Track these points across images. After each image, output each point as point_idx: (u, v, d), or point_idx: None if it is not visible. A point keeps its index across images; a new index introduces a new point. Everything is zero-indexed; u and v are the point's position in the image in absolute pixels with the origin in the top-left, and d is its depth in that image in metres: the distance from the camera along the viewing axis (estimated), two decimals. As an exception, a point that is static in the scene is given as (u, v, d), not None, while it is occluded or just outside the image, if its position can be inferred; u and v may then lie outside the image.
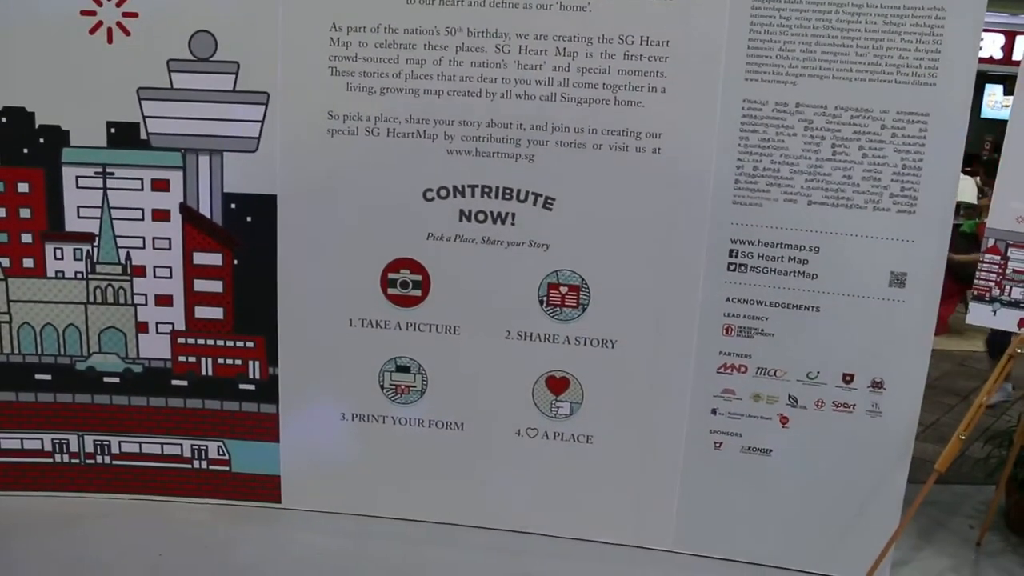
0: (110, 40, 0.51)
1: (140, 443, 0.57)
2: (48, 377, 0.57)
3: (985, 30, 0.60)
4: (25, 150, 0.52)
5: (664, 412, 0.58)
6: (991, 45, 3.38)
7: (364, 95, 0.52)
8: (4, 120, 0.50)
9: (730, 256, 0.55)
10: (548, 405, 0.57)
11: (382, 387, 0.58)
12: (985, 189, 1.96)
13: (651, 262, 0.58)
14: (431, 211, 0.54)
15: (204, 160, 0.53)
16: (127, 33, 0.51)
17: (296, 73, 0.52)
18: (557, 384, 0.57)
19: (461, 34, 0.51)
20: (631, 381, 0.58)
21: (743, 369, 0.57)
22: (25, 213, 0.53)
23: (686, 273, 0.55)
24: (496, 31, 0.52)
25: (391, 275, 0.55)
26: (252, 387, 0.57)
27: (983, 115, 3.67)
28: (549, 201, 0.59)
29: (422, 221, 0.55)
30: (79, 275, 0.54)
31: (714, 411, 0.57)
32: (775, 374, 0.56)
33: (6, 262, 0.53)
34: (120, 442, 0.57)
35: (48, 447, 0.57)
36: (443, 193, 0.59)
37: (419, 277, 0.55)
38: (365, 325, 0.56)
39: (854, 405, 0.57)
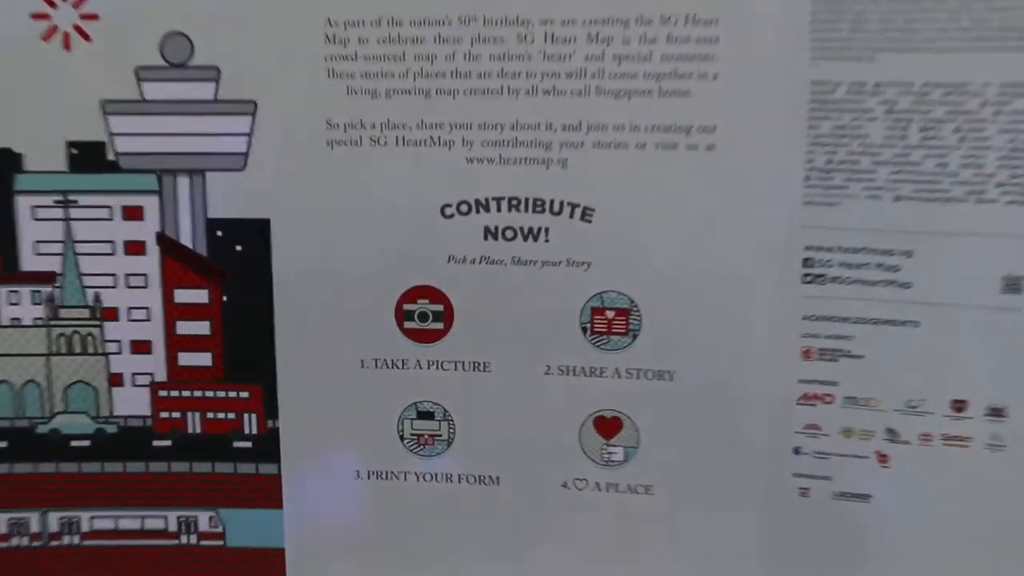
0: (67, 47, 0.49)
1: (116, 518, 0.55)
2: (3, 444, 0.54)
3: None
4: None
5: (737, 454, 0.54)
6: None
7: (367, 99, 0.52)
8: None
9: (805, 266, 0.51)
10: (598, 451, 0.55)
11: (402, 438, 0.58)
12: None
13: (711, 277, 0.59)
14: (451, 230, 0.51)
15: (183, 182, 0.51)
16: (87, 38, 0.49)
17: (287, 77, 0.51)
18: (608, 425, 0.55)
19: (476, 24, 0.51)
20: (695, 419, 0.54)
21: (829, 399, 0.53)
22: None
23: (753, 288, 0.52)
24: (517, 18, 0.53)
25: (407, 306, 0.53)
26: (249, 444, 0.54)
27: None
28: (587, 212, 0.56)
29: (441, 242, 0.52)
30: (39, 322, 0.52)
31: (797, 451, 0.53)
32: (868, 404, 0.52)
33: None
34: (92, 518, 0.54)
35: (3, 529, 0.54)
36: (464, 208, 0.56)
37: (440, 307, 0.53)
38: (379, 366, 0.54)
39: (969, 438, 0.52)
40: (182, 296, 0.51)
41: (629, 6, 0.52)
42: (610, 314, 0.53)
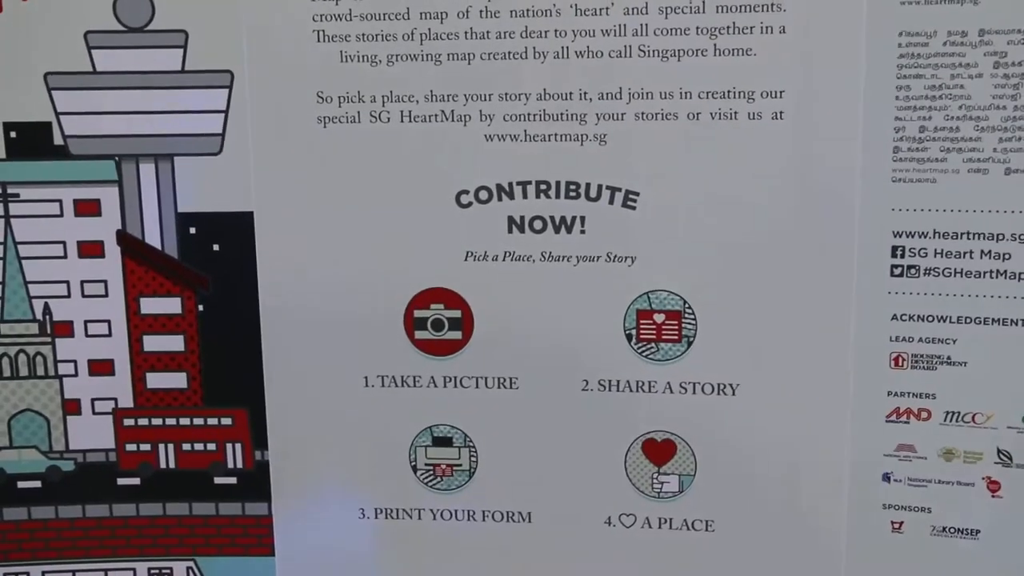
0: None
1: (74, 572, 0.53)
2: None
3: None
4: None
5: (813, 481, 0.52)
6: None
7: (365, 67, 0.53)
8: None
9: (894, 256, 0.49)
10: (648, 480, 0.54)
11: (415, 469, 0.57)
12: None
13: (779, 271, 0.57)
14: (469, 221, 0.50)
15: (148, 169, 0.49)
16: None
17: (269, 42, 0.50)
18: (659, 450, 0.53)
19: None
20: (762, 440, 0.52)
21: (925, 415, 0.51)
22: None
23: (831, 283, 0.50)
24: None
25: (419, 312, 0.52)
26: (233, 480, 0.53)
27: None
28: (631, 197, 0.54)
29: (458, 236, 0.50)
30: None
31: (887, 477, 0.51)
32: (974, 420, 0.50)
33: None
34: (44, 573, 0.53)
35: None
36: (484, 195, 0.54)
37: (458, 313, 0.52)
38: (387, 384, 0.53)
39: (1101, 460, 0.57)
40: (149, 306, 0.50)
41: (676, -55, 0.50)
42: (659, 318, 0.51)
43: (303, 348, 0.51)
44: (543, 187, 0.49)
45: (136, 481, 0.52)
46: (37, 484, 0.52)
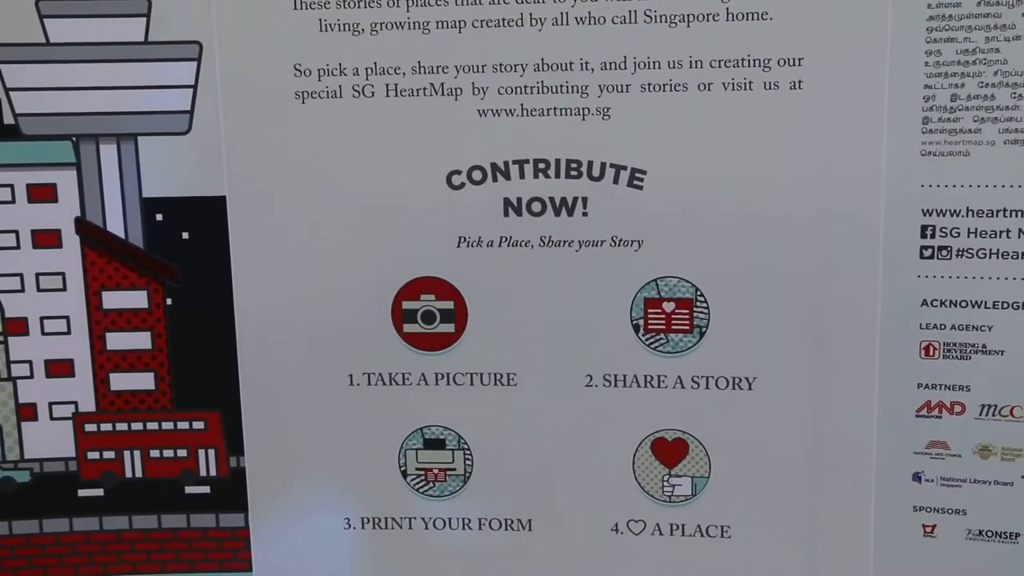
0: None
1: None
2: None
3: None
4: None
5: (837, 482, 0.53)
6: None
7: (347, 36, 0.52)
8: None
9: (923, 236, 0.49)
10: (658, 483, 0.54)
11: (404, 474, 0.57)
12: None
13: (798, 253, 0.56)
14: (462, 203, 0.51)
15: (109, 150, 0.49)
16: None
17: (240, 10, 0.50)
18: (669, 450, 0.54)
19: None
20: (782, 437, 0.52)
21: (958, 408, 0.51)
22: None
23: (855, 266, 0.50)
24: None
25: (407, 304, 0.52)
26: (205, 489, 0.53)
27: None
28: (637, 175, 0.54)
29: (449, 220, 0.51)
30: None
31: (918, 476, 0.51)
32: (1012, 413, 0.49)
33: None
34: None
35: None
36: (477, 176, 0.54)
37: (450, 304, 0.52)
38: (373, 382, 0.53)
39: None
40: (112, 300, 0.50)
41: None
42: (669, 306, 0.51)
43: (281, 345, 0.51)
44: (542, 166, 0.49)
45: (99, 492, 0.52)
46: None
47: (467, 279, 0.50)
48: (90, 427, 0.49)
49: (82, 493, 0.51)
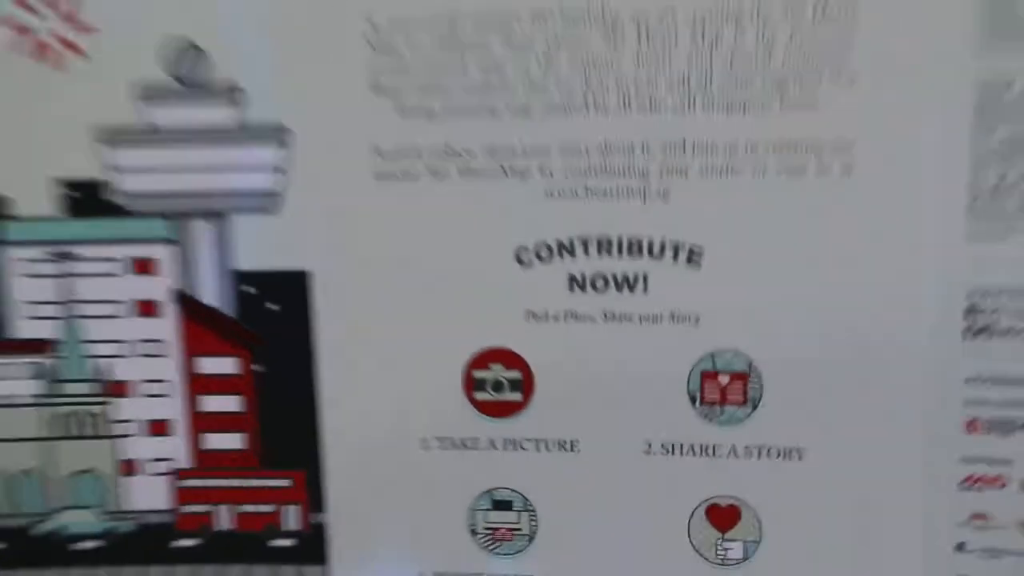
0: (56, 65, 0.50)
1: None
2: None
3: None
4: None
5: (883, 551, 0.53)
6: None
7: (422, 120, 0.49)
8: None
9: (968, 315, 0.49)
10: (712, 546, 0.54)
11: (474, 532, 0.54)
12: None
13: (848, 332, 0.53)
14: (529, 279, 0.51)
15: (203, 228, 0.51)
16: (80, 54, 0.49)
17: (325, 95, 0.49)
18: (723, 515, 0.54)
19: (553, 20, 0.51)
20: (830, 506, 0.53)
21: (1001, 482, 0.51)
22: None
23: (902, 344, 0.50)
24: (603, 11, 0.48)
25: (478, 373, 0.53)
26: (289, 543, 0.54)
27: None
28: (695, 253, 0.55)
29: (517, 294, 0.52)
30: (37, 400, 0.52)
31: (961, 547, 0.51)
32: None
33: None
34: None
35: None
36: (544, 253, 0.56)
37: (518, 374, 0.52)
38: (445, 446, 0.54)
39: None
40: (207, 366, 0.51)
41: (742, -3, 0.52)
42: (724, 380, 0.53)
43: (360, 410, 0.53)
44: (605, 244, 0.51)
45: (193, 543, 0.55)
46: (94, 545, 0.55)
47: (534, 351, 0.51)
48: (186, 483, 0.52)
49: (177, 544, 0.54)
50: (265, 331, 0.49)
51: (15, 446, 0.51)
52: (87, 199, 0.48)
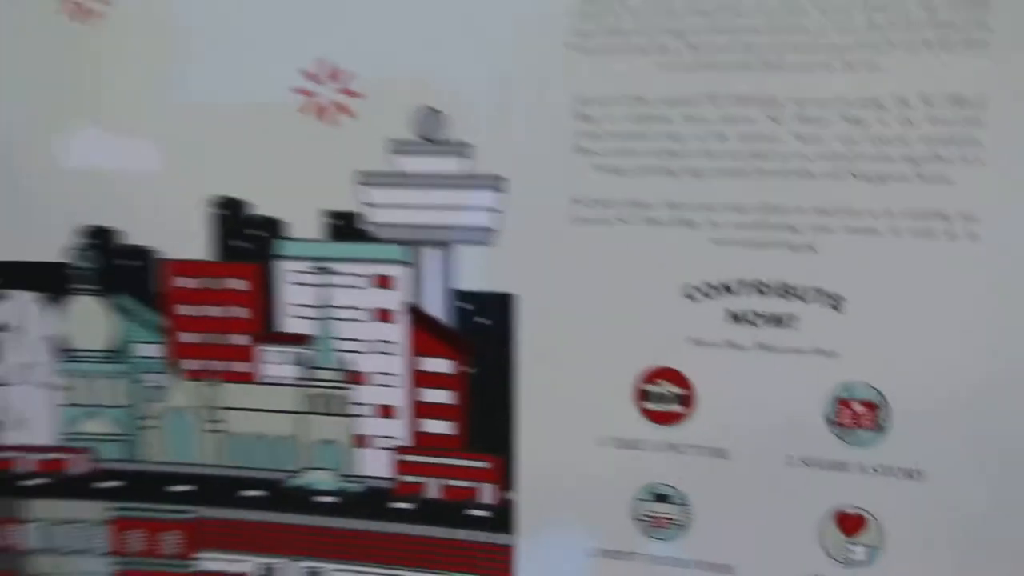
0: (327, 121, 0.59)
1: (356, 573, 0.63)
2: (261, 493, 0.64)
3: None
4: (240, 244, 0.61)
5: (1002, 570, 0.56)
6: None
7: (614, 177, 0.57)
8: (218, 211, 0.60)
9: None
10: (839, 547, 0.58)
11: (635, 519, 0.60)
12: None
13: (971, 378, 0.55)
14: (696, 312, 0.57)
15: (432, 253, 0.59)
16: (347, 113, 0.59)
17: (536, 154, 0.57)
18: (850, 522, 0.58)
19: (726, 103, 0.55)
20: (949, 523, 0.56)
21: None
22: (240, 313, 0.62)
23: (1019, 387, 0.54)
24: (768, 98, 0.54)
25: (647, 387, 0.58)
26: (484, 514, 0.61)
27: None
28: (838, 300, 0.55)
29: (685, 324, 0.58)
30: (294, 382, 0.62)
31: None
32: None
33: (220, 366, 0.63)
34: (333, 571, 0.64)
35: (253, 571, 0.64)
36: (708, 292, 0.57)
37: (681, 390, 0.58)
38: (616, 445, 0.60)
39: None
40: (428, 365, 0.59)
41: (887, 87, 0.56)
42: (857, 407, 0.58)
43: (549, 409, 0.60)
44: (761, 288, 0.56)
45: (407, 506, 0.61)
46: (330, 500, 0.62)
47: (696, 371, 0.56)
48: (406, 458, 0.60)
49: (394, 506, 0.62)
50: (476, 340, 0.58)
51: (279, 416, 0.62)
52: (345, 226, 0.58)
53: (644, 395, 0.56)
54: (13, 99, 0.61)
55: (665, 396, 0.56)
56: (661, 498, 0.58)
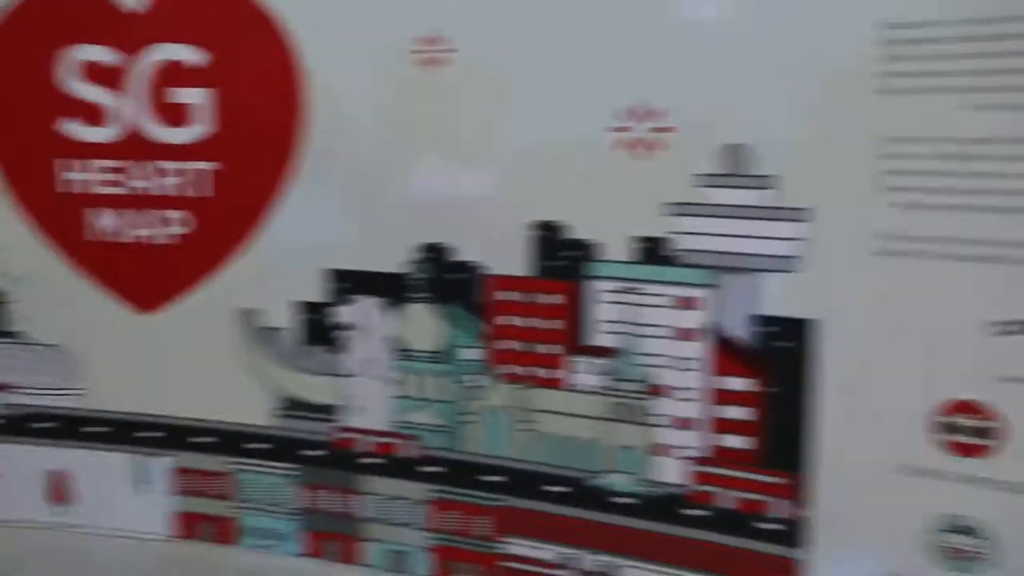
0: (644, 156, 0.64)
1: (650, 572, 0.67)
2: (561, 489, 0.70)
3: None
4: (558, 263, 0.67)
5: None
6: None
7: (915, 212, 0.58)
8: (540, 234, 0.66)
9: None
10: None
11: (930, 547, 0.61)
12: None
13: None
14: (1002, 347, 0.57)
15: (735, 279, 0.62)
16: (657, 148, 0.63)
17: (840, 188, 0.59)
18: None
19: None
20: None
21: None
22: (555, 325, 0.68)
23: None
24: None
25: (949, 418, 0.59)
26: (774, 527, 0.63)
27: None
28: None
29: (991, 358, 0.58)
30: (600, 390, 0.67)
31: None
32: None
33: (534, 372, 0.69)
34: (628, 567, 0.68)
35: (556, 560, 0.70)
36: (1012, 328, 0.57)
37: (986, 423, 0.58)
38: (913, 473, 0.60)
39: None
40: (728, 383, 0.62)
41: None
42: None
43: (846, 432, 0.61)
44: None
45: (699, 513, 0.65)
46: (628, 501, 0.67)
47: (1005, 406, 0.57)
48: (702, 468, 0.64)
49: (686, 512, 0.66)
50: (778, 362, 0.61)
51: (584, 421, 0.67)
52: (653, 251, 0.63)
53: (944, 427, 0.57)
54: (372, 135, 0.71)
55: (967, 428, 0.57)
56: (961, 530, 0.59)
